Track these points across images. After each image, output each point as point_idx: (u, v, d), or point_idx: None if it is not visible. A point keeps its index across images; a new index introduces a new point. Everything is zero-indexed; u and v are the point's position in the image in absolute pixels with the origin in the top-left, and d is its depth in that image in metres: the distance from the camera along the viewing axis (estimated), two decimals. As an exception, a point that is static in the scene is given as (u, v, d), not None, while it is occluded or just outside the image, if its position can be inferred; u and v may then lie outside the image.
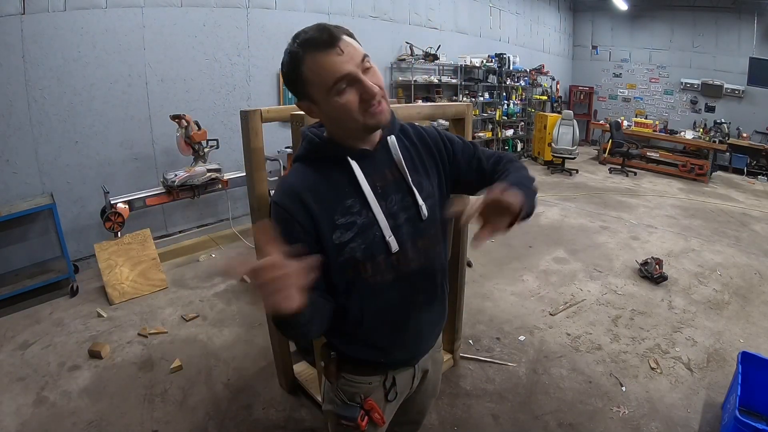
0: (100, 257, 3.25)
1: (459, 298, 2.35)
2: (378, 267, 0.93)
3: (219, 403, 2.18)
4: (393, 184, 0.95)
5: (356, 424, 1.02)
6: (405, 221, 0.95)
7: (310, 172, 0.92)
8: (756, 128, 8.17)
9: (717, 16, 8.43)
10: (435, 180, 1.02)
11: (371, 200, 0.91)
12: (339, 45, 0.79)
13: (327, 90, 0.81)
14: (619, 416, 2.13)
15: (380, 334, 1.00)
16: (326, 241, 0.89)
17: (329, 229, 0.89)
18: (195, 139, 3.77)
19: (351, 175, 0.91)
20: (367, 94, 0.82)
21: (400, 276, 0.95)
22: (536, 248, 4.21)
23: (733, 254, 4.18)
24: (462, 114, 2.05)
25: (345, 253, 0.90)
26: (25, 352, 2.56)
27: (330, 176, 0.91)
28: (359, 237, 0.90)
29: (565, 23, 10.23)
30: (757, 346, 2.70)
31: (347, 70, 0.80)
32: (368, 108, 0.83)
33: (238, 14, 4.38)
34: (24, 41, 3.18)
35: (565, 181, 7.07)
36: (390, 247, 0.92)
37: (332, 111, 0.84)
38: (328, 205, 0.89)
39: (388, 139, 0.96)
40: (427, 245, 1.00)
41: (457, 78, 6.90)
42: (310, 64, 0.80)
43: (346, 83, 0.80)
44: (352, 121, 0.84)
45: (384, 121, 0.87)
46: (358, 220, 0.90)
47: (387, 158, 0.96)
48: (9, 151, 3.25)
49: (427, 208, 0.97)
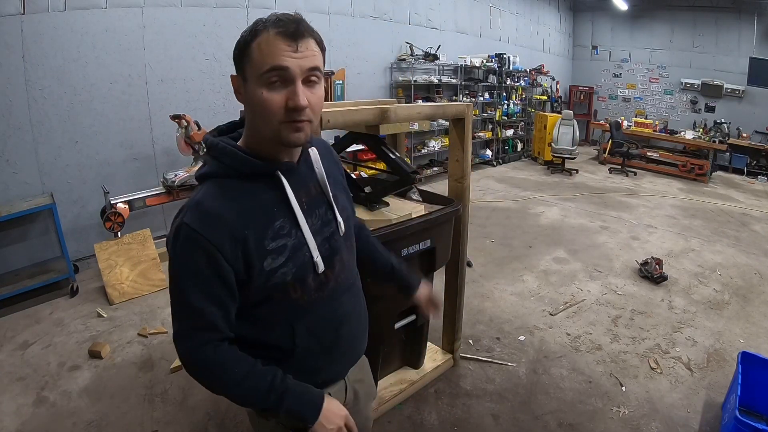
0: (100, 257, 3.25)
1: (459, 298, 2.35)
2: (307, 287, 0.88)
3: (219, 403, 2.18)
4: (316, 199, 0.91)
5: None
6: (329, 236, 0.93)
7: (229, 191, 0.82)
8: (756, 128, 8.17)
9: (717, 16, 8.44)
10: (346, 193, 1.02)
11: (300, 219, 0.86)
12: (299, 41, 0.75)
13: (259, 74, 0.75)
14: (619, 416, 2.13)
15: (313, 355, 0.94)
16: (254, 269, 0.81)
17: (260, 255, 0.81)
18: (195, 139, 3.77)
19: (280, 192, 0.84)
20: (293, 101, 0.75)
21: (328, 293, 0.92)
22: (536, 248, 4.21)
23: (733, 254, 4.18)
24: (462, 114, 2.05)
25: (275, 278, 0.83)
26: (25, 352, 2.56)
27: (254, 195, 0.83)
28: (290, 261, 0.84)
29: (565, 23, 10.23)
30: (757, 346, 2.70)
31: (287, 65, 0.74)
32: (288, 119, 0.77)
33: (238, 14, 4.38)
34: (24, 41, 3.18)
35: (565, 181, 7.07)
36: (317, 267, 0.88)
37: (253, 101, 0.78)
38: (257, 229, 0.81)
39: (310, 152, 0.92)
40: (349, 257, 0.99)
41: (457, 78, 6.90)
42: (262, 41, 0.75)
43: (278, 78, 0.75)
44: (267, 122, 0.78)
45: (299, 143, 0.81)
46: (289, 242, 0.84)
47: (309, 172, 0.92)
48: (9, 151, 3.25)
49: (343, 221, 0.95)
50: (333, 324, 0.96)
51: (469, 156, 2.14)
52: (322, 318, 0.93)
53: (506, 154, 8.27)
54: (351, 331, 1.00)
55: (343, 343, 0.98)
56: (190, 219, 0.78)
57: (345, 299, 0.98)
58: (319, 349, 0.94)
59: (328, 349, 0.96)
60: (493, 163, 7.93)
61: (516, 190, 6.34)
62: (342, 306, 0.97)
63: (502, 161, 8.12)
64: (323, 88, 0.83)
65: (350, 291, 1.00)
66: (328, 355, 0.96)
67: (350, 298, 1.00)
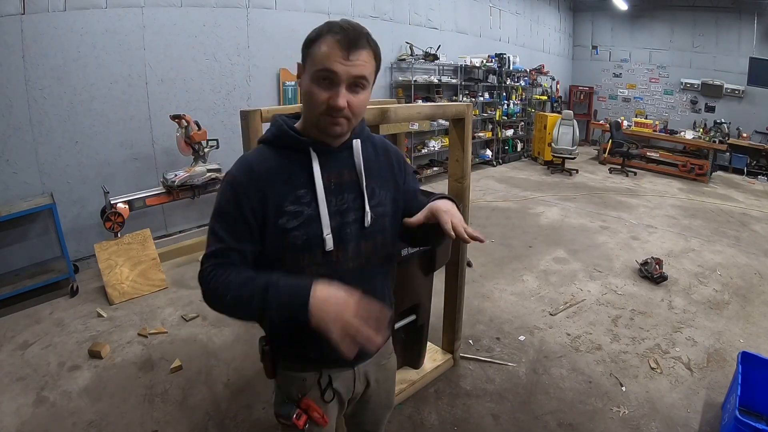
0: (100, 257, 3.25)
1: (459, 298, 2.35)
2: (315, 260, 0.96)
3: (219, 403, 2.18)
4: (348, 185, 0.99)
5: (292, 423, 1.02)
6: (354, 221, 0.98)
7: (271, 155, 0.97)
8: (756, 128, 8.17)
9: (717, 16, 8.44)
10: (389, 193, 1.06)
11: (320, 195, 0.94)
12: (352, 50, 0.85)
13: (313, 70, 0.87)
14: (619, 416, 2.13)
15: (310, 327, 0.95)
16: (270, 224, 0.93)
17: (277, 213, 0.92)
18: (195, 139, 3.77)
19: (309, 166, 0.95)
20: (333, 101, 0.86)
21: (335, 273, 0.94)
22: (536, 248, 4.21)
23: (733, 254, 4.18)
24: (462, 114, 2.05)
25: (287, 240, 0.93)
26: (25, 352, 2.56)
27: (289, 163, 0.95)
28: (302, 227, 0.93)
29: (565, 23, 10.23)
30: (757, 346, 2.71)
31: (336, 69, 0.84)
32: (328, 114, 0.88)
33: (238, 14, 4.38)
34: (24, 41, 3.18)
35: (565, 181, 7.07)
36: (325, 244, 0.95)
37: (304, 90, 0.91)
38: (281, 190, 0.93)
39: (354, 142, 1.00)
40: (371, 250, 1.02)
41: (457, 78, 6.90)
42: (324, 42, 0.86)
43: (327, 79, 0.86)
44: (312, 111, 0.90)
45: (335, 134, 0.93)
46: (305, 210, 0.94)
47: (348, 159, 1.00)
48: (9, 151, 3.25)
49: (373, 215, 1.00)
50: None
51: (469, 156, 2.14)
52: None
53: (506, 154, 8.27)
54: None
55: None
56: (233, 168, 0.96)
57: (354, 287, 0.94)
58: None
59: None
60: (493, 163, 7.93)
61: (516, 190, 6.34)
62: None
63: (502, 161, 8.12)
64: (369, 93, 0.94)
65: (362, 282, 0.98)
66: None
67: (365, 290, 0.95)
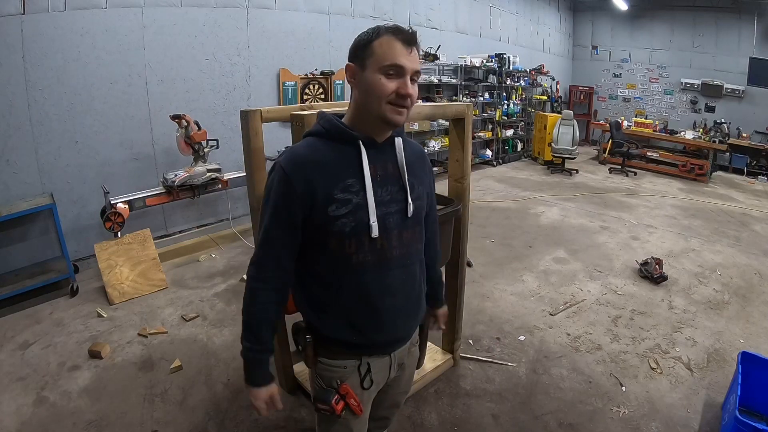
0: (100, 257, 3.25)
1: (459, 298, 2.35)
2: (362, 246, 1.02)
3: (219, 403, 2.18)
4: (392, 177, 1.07)
5: (331, 407, 1.07)
6: (396, 212, 1.06)
7: (320, 146, 1.03)
8: (756, 128, 8.17)
9: (717, 16, 8.43)
10: (425, 189, 1.16)
11: (368, 185, 1.01)
12: (413, 47, 0.97)
13: (379, 66, 0.95)
14: (619, 416, 2.13)
15: (355, 312, 1.06)
16: (318, 211, 0.99)
17: (326, 201, 0.98)
18: (195, 139, 3.77)
19: (358, 157, 1.02)
20: (403, 89, 0.96)
21: (380, 260, 1.04)
22: (536, 248, 4.21)
23: (733, 254, 4.18)
24: (462, 114, 2.05)
25: (336, 226, 0.99)
26: (25, 352, 2.56)
27: (338, 155, 1.02)
28: (351, 215, 0.99)
29: (565, 23, 10.23)
30: (757, 346, 2.70)
31: (404, 64, 0.95)
32: (395, 102, 0.97)
33: (238, 14, 4.38)
34: (24, 41, 3.18)
35: (565, 181, 7.07)
36: (371, 230, 1.00)
37: (369, 83, 0.97)
38: (330, 180, 0.99)
39: (396, 139, 1.09)
40: (411, 239, 1.10)
41: (457, 78, 6.90)
42: (384, 41, 0.96)
43: (395, 72, 0.96)
44: (376, 101, 0.97)
45: (398, 123, 1.00)
46: (354, 199, 1.00)
47: (391, 154, 1.08)
48: (9, 151, 3.25)
49: (414, 207, 1.08)
50: (378, 292, 1.06)
51: (469, 156, 2.14)
52: (369, 282, 1.04)
53: (506, 154, 8.26)
54: (394, 306, 1.09)
55: (385, 314, 1.07)
56: (282, 159, 1.02)
57: (396, 273, 1.08)
58: (361, 308, 1.06)
59: (370, 314, 1.06)
60: (493, 163, 7.93)
61: (516, 190, 6.34)
62: (390, 278, 1.07)
63: (502, 161, 8.12)
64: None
65: (404, 269, 1.10)
66: (370, 320, 1.07)
67: (401, 275, 1.09)
